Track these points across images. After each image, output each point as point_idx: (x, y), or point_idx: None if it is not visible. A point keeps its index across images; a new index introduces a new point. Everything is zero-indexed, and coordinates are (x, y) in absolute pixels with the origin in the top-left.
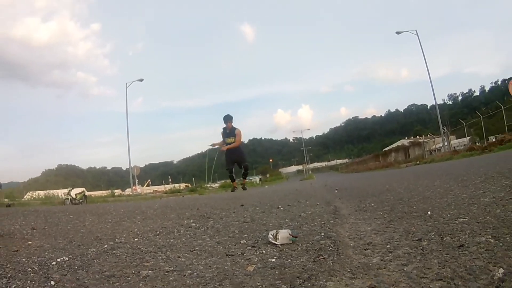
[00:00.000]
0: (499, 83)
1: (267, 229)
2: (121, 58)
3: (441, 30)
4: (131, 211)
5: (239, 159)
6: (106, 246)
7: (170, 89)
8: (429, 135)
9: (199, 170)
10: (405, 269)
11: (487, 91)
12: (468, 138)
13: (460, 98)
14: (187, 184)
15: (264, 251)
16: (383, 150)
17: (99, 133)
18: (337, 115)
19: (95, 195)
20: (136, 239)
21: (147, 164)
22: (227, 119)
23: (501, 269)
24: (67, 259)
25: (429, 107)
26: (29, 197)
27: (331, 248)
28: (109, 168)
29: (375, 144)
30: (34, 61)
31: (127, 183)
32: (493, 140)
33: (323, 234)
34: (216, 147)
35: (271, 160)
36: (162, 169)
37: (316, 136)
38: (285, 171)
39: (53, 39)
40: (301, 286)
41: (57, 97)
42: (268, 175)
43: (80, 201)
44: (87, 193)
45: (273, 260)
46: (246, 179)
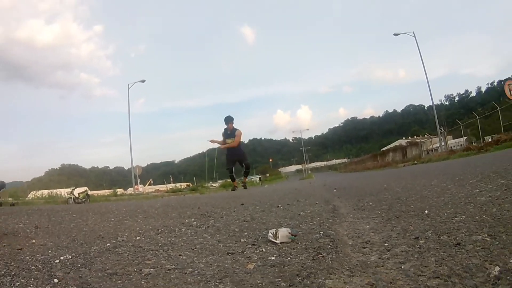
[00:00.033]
0: (495, 84)
1: (267, 228)
2: (123, 59)
3: (438, 31)
4: (133, 210)
5: (240, 158)
6: (108, 244)
7: (171, 89)
8: (426, 135)
9: (200, 169)
10: (402, 267)
11: (483, 92)
12: (464, 138)
13: (457, 99)
14: (188, 183)
15: (264, 250)
16: (381, 150)
17: (102, 133)
18: (335, 116)
19: (98, 194)
20: (138, 238)
21: (149, 163)
22: (228, 120)
23: (497, 267)
24: (70, 257)
25: (426, 108)
26: (32, 196)
27: (330, 246)
28: (111, 167)
29: (373, 144)
30: (37, 62)
31: (129, 182)
32: (489, 140)
33: (322, 232)
34: (214, 144)
35: (270, 159)
36: (163, 169)
37: (315, 136)
38: (284, 170)
39: (56, 40)
40: (300, 283)
41: (60, 98)
42: (268, 175)
43: (83, 200)
44: (89, 192)
45: (273, 258)
46: (247, 178)
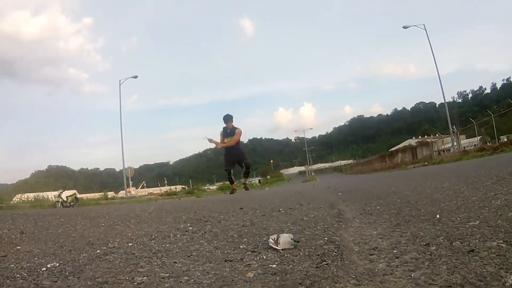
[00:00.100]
0: (511, 80)
1: (268, 234)
2: (114, 53)
3: (450, 24)
4: (125, 215)
5: (240, 157)
6: (98, 251)
7: (165, 86)
8: (437, 135)
9: (196, 171)
10: (412, 276)
11: (498, 88)
12: (478, 137)
13: (470, 95)
14: (183, 186)
15: (264, 257)
16: (390, 150)
17: (92, 132)
18: (341, 114)
19: (87, 198)
20: (130, 244)
21: (141, 165)
22: (227, 119)
23: None
24: (58, 264)
25: (437, 105)
26: (18, 199)
27: (334, 253)
28: (101, 169)
29: (381, 144)
30: (23, 56)
31: (121, 185)
32: (505, 140)
33: (326, 238)
34: (211, 143)
35: (271, 160)
36: (157, 170)
37: (319, 135)
38: (286, 172)
39: (43, 33)
40: None
41: (47, 95)
42: (268, 177)
43: (71, 204)
44: (78, 196)
45: (274, 266)
46: (247, 179)
